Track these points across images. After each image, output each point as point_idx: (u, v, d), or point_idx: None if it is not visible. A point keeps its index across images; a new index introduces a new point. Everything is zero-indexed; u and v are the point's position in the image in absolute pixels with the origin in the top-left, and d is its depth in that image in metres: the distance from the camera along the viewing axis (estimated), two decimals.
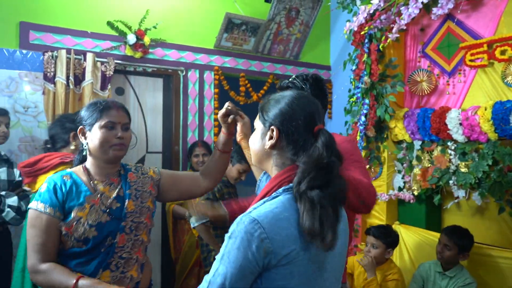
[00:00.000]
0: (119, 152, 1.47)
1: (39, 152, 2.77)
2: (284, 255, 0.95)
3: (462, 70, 2.81)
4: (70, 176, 1.45)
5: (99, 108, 1.46)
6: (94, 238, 1.39)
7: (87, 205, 1.41)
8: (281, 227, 0.96)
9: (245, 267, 0.94)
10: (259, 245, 0.93)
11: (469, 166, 2.62)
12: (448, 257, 2.41)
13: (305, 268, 0.98)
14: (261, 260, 0.94)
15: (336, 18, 4.00)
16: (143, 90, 3.34)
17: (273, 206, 0.98)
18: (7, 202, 2.23)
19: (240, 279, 0.95)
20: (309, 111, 1.06)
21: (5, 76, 2.68)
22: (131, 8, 3.07)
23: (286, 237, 0.96)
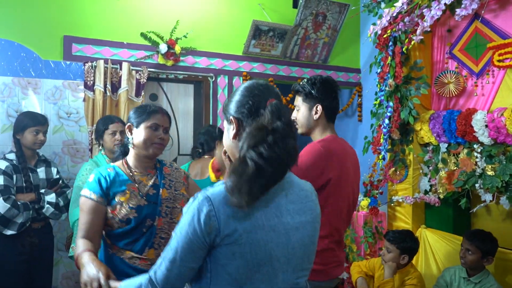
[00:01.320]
0: (158, 150, 1.72)
1: (80, 154, 3.04)
2: (228, 234, 1.00)
3: (491, 71, 2.74)
4: (113, 168, 1.71)
5: (148, 111, 1.72)
6: (135, 219, 1.62)
7: (128, 191, 1.66)
8: (230, 207, 1.01)
9: (194, 242, 1.01)
10: (206, 221, 1.00)
11: (496, 169, 2.56)
12: (471, 262, 2.36)
13: (249, 252, 1.01)
14: (207, 236, 1.00)
15: (365, 21, 4.00)
16: (175, 96, 3.54)
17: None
18: (46, 199, 2.47)
19: (189, 253, 1.02)
20: (257, 91, 1.12)
21: (51, 85, 2.96)
22: (163, 20, 3.27)
23: (233, 217, 1.01)
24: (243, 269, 1.02)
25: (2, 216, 2.28)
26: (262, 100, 1.10)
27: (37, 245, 2.46)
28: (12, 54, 2.85)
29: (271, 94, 1.14)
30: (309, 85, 1.78)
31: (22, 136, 2.49)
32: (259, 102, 1.10)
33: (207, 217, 1.00)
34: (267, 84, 1.19)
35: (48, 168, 2.61)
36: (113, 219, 1.62)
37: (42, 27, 2.94)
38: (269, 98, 1.11)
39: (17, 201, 2.35)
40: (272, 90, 1.16)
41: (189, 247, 1.02)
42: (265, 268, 1.04)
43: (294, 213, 1.10)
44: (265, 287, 1.06)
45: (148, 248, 1.65)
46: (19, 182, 2.43)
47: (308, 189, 1.19)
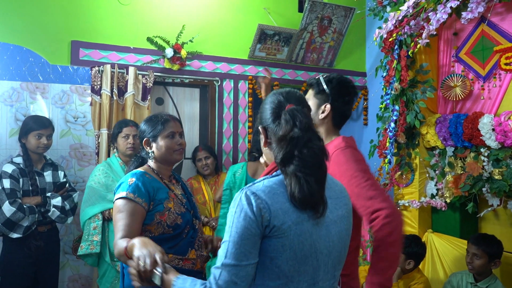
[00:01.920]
0: (180, 155, 1.80)
1: (87, 157, 3.06)
2: (278, 226, 1.03)
3: (497, 74, 2.72)
4: (150, 176, 1.73)
5: (160, 121, 1.77)
6: (180, 225, 1.71)
7: (171, 199, 1.72)
8: (277, 200, 1.05)
9: (253, 234, 1.02)
10: (258, 213, 1.03)
11: (503, 173, 2.53)
12: (479, 266, 2.34)
13: (297, 244, 1.05)
14: (261, 225, 1.03)
15: (371, 25, 4.00)
16: (181, 100, 3.56)
17: (271, 183, 1.08)
18: (52, 202, 2.49)
19: (251, 247, 1.02)
20: (278, 100, 1.18)
21: (58, 89, 2.99)
22: (169, 24, 3.30)
23: (281, 210, 1.04)
24: (292, 261, 1.04)
25: (8, 219, 2.31)
26: (282, 107, 1.16)
27: (43, 248, 2.48)
28: (21, 59, 2.89)
29: (291, 99, 1.18)
30: (324, 80, 1.66)
31: (26, 140, 2.52)
32: (280, 109, 1.15)
33: (257, 209, 1.03)
34: (289, 91, 1.22)
35: (55, 171, 2.64)
36: (161, 225, 1.66)
37: (50, 32, 2.98)
38: (287, 104, 1.15)
39: (23, 205, 2.38)
40: (292, 95, 1.20)
41: (252, 242, 1.03)
42: (310, 261, 1.07)
43: (332, 207, 1.15)
44: (309, 279, 1.08)
45: (191, 249, 1.73)
46: (25, 185, 2.46)
47: (340, 185, 1.24)
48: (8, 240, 2.38)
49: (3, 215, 2.32)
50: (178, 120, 1.86)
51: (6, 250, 2.42)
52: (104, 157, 2.96)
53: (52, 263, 2.61)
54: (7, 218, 2.31)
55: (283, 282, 1.05)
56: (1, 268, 2.45)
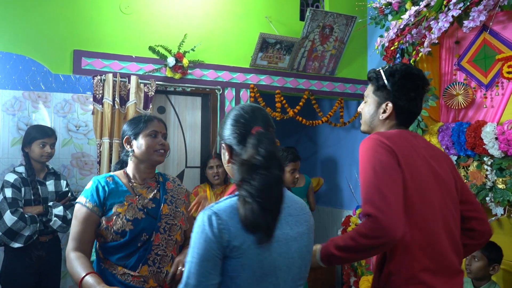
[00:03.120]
0: (161, 157, 1.70)
1: (89, 166, 3.06)
2: (237, 246, 1.05)
3: (500, 83, 2.72)
4: (113, 178, 1.68)
5: (143, 120, 1.71)
6: (131, 232, 1.59)
7: (126, 203, 1.62)
8: (237, 220, 1.07)
9: (213, 255, 1.05)
10: (218, 234, 1.05)
11: (507, 182, 2.51)
12: (477, 269, 2.31)
13: (256, 263, 1.07)
14: (221, 249, 1.05)
15: (372, 33, 4.00)
16: (182, 108, 3.56)
17: (233, 202, 1.11)
18: (54, 212, 2.49)
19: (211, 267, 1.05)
20: (243, 120, 1.17)
21: (60, 98, 3.00)
22: (171, 33, 3.31)
23: (241, 230, 1.06)
24: (251, 280, 1.07)
25: (9, 229, 2.30)
26: (248, 128, 1.16)
27: (45, 258, 2.48)
28: (23, 68, 2.90)
29: (257, 121, 1.18)
30: (385, 74, 1.45)
31: (29, 149, 2.53)
32: (245, 131, 1.16)
33: (218, 230, 1.05)
34: (254, 109, 1.21)
35: (57, 180, 2.63)
36: (108, 230, 1.58)
37: (52, 41, 2.99)
38: (254, 126, 1.16)
39: (25, 214, 2.37)
40: (258, 115, 1.20)
41: (212, 263, 1.05)
42: (269, 278, 1.10)
43: (292, 224, 1.17)
44: None
45: (142, 265, 1.60)
46: (27, 195, 2.45)
47: (300, 202, 1.26)
48: (9, 250, 2.37)
49: (4, 224, 2.31)
50: (163, 122, 1.78)
51: (7, 260, 2.41)
52: (105, 166, 2.96)
53: (53, 273, 2.60)
54: (8, 227, 2.30)
55: None
56: (2, 278, 2.43)
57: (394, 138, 1.37)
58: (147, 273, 1.60)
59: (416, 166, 1.36)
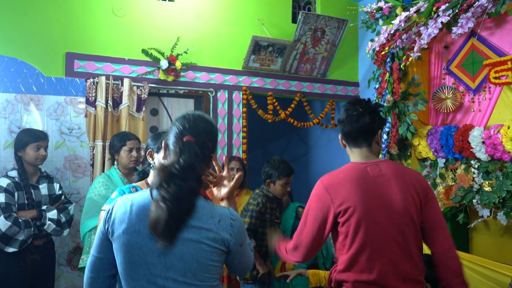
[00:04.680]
0: None
1: (82, 169, 3.06)
2: (112, 232, 1.24)
3: (487, 87, 2.78)
4: (136, 189, 1.79)
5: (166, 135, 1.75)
6: None
7: None
8: (122, 210, 1.24)
9: (101, 233, 1.28)
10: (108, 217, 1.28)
11: (493, 185, 2.58)
12: None
13: (125, 252, 1.21)
14: (106, 230, 1.26)
15: (363, 36, 4.05)
16: (175, 110, 3.58)
17: (136, 195, 1.29)
18: (48, 215, 2.49)
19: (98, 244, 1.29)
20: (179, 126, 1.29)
21: (53, 101, 3.00)
22: (163, 36, 3.32)
23: (119, 219, 1.23)
24: (123, 265, 1.22)
25: (3, 234, 2.31)
26: (181, 136, 1.27)
27: (39, 262, 2.48)
28: (15, 71, 2.89)
29: (193, 130, 1.28)
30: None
31: (24, 153, 2.53)
32: (179, 137, 1.28)
33: (108, 214, 1.26)
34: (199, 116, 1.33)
35: (50, 184, 2.64)
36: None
37: (44, 44, 2.99)
38: (186, 135, 1.27)
39: (19, 219, 2.38)
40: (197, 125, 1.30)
41: (99, 239, 1.28)
42: (141, 270, 1.21)
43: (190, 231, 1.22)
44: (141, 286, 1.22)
45: None
46: (20, 199, 2.46)
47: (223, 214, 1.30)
48: (3, 254, 2.37)
49: None
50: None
51: (2, 264, 2.40)
52: (99, 169, 2.97)
53: (47, 276, 2.61)
54: (2, 232, 2.30)
55: (124, 283, 1.24)
56: None
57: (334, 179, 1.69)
58: None
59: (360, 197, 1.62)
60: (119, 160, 2.64)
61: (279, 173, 2.74)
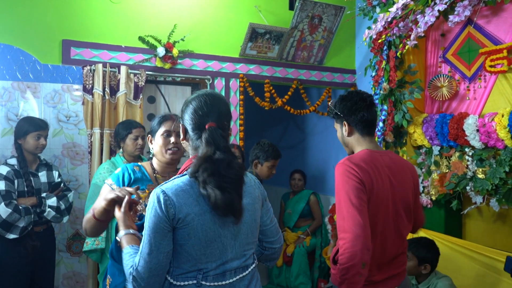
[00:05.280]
0: (173, 155, 1.80)
1: (80, 156, 3.08)
2: (182, 218, 1.24)
3: (483, 76, 2.80)
4: (140, 168, 1.82)
5: (159, 120, 1.82)
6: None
7: (147, 191, 1.75)
8: (182, 196, 1.25)
9: (162, 228, 1.23)
10: (165, 210, 1.23)
11: (486, 172, 2.63)
12: (410, 268, 2.32)
13: (199, 231, 1.25)
14: (169, 222, 1.24)
15: (361, 23, 4.05)
16: (172, 98, 3.58)
17: (179, 181, 1.28)
18: (48, 202, 2.52)
19: (161, 239, 1.23)
20: (201, 112, 1.33)
21: (50, 89, 2.99)
22: (160, 23, 3.31)
23: (185, 204, 1.24)
24: (198, 246, 1.25)
25: (4, 220, 2.33)
26: (203, 122, 1.32)
27: (39, 248, 2.52)
28: (11, 58, 2.88)
29: (213, 114, 1.33)
30: (332, 106, 1.88)
31: (24, 141, 2.54)
32: (200, 123, 1.32)
33: (165, 206, 1.23)
34: (214, 100, 1.36)
35: (49, 171, 2.66)
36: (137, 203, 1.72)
37: (40, 31, 2.97)
38: (209, 121, 1.31)
39: (19, 206, 2.40)
40: (216, 107, 1.34)
41: (159, 231, 1.23)
42: (215, 244, 1.28)
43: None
44: (217, 260, 1.29)
45: None
46: (20, 186, 2.48)
47: (253, 179, 1.45)
48: (4, 241, 2.40)
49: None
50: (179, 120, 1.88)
51: (3, 250, 2.44)
52: (97, 156, 2.99)
53: (48, 262, 2.65)
54: (3, 219, 2.33)
55: (193, 264, 1.26)
56: None
57: (361, 163, 1.70)
58: None
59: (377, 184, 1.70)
60: (124, 148, 2.66)
61: (267, 155, 2.90)
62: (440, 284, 2.26)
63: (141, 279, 1.22)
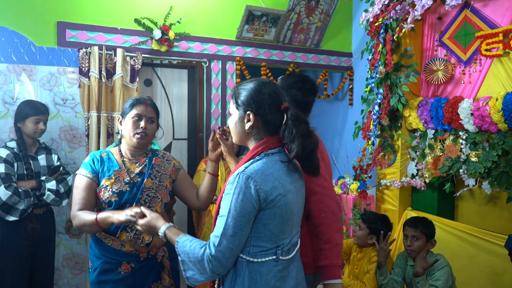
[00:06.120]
0: (141, 139, 1.80)
1: (77, 139, 3.09)
2: (272, 199, 1.31)
3: (478, 60, 2.82)
4: (107, 154, 1.84)
5: (131, 103, 1.81)
6: (116, 202, 1.75)
7: (113, 177, 1.77)
8: (268, 179, 1.32)
9: (249, 212, 1.29)
10: (255, 194, 1.29)
11: (479, 155, 2.67)
12: (419, 247, 2.36)
13: (283, 210, 1.34)
14: (258, 205, 1.30)
15: (358, 6, 4.03)
16: (169, 81, 3.58)
17: (260, 165, 1.34)
18: (47, 186, 2.54)
19: (246, 222, 1.29)
20: (274, 94, 1.39)
21: (46, 72, 2.98)
22: (156, 5, 3.27)
23: (273, 187, 1.32)
24: (280, 225, 1.34)
25: (4, 203, 2.36)
26: (278, 104, 1.39)
27: (39, 230, 2.55)
28: (6, 40, 2.85)
29: (283, 96, 1.42)
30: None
31: (23, 124, 2.54)
32: (276, 107, 1.39)
33: (255, 191, 1.29)
34: (275, 84, 1.45)
35: (48, 155, 2.67)
36: (98, 199, 1.77)
37: (35, 13, 2.93)
38: (283, 103, 1.39)
39: (18, 189, 2.42)
40: (282, 92, 1.43)
41: (246, 218, 1.29)
42: (290, 222, 1.39)
43: (292, 181, 1.42)
44: (289, 236, 1.40)
45: (121, 231, 1.77)
46: (20, 169, 2.49)
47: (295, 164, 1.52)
48: (5, 223, 2.44)
49: None
50: (153, 106, 1.86)
51: (3, 232, 2.47)
52: (94, 139, 3.00)
53: (48, 244, 2.69)
54: (3, 201, 2.36)
55: (273, 241, 1.35)
56: None
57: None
58: (125, 238, 1.77)
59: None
60: None
61: None
62: (438, 274, 2.27)
63: (224, 259, 1.28)
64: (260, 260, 1.34)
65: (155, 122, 1.86)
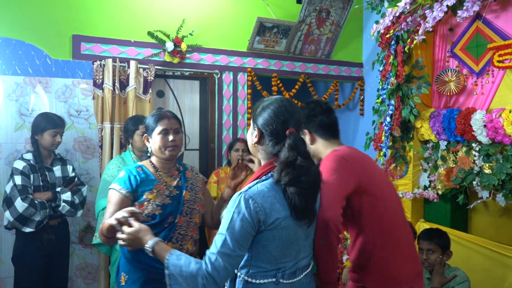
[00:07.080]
0: (173, 152, 1.86)
1: (91, 150, 3.13)
2: (271, 222, 1.30)
3: (490, 71, 2.80)
4: (142, 168, 1.87)
5: (154, 119, 1.86)
6: (160, 215, 1.79)
7: (155, 190, 1.81)
8: (269, 201, 1.30)
9: (248, 233, 1.28)
10: (255, 216, 1.28)
11: (493, 167, 2.65)
12: (434, 260, 2.32)
13: (283, 233, 1.32)
14: (256, 226, 1.29)
15: (368, 16, 4.04)
16: (181, 92, 3.62)
17: (263, 187, 1.33)
18: (62, 197, 2.58)
19: (244, 242, 1.28)
20: (283, 118, 1.37)
21: (61, 84, 3.04)
22: (169, 18, 3.33)
23: (273, 210, 1.30)
24: (280, 248, 1.32)
25: (20, 214, 2.40)
26: (285, 127, 1.36)
27: (54, 241, 2.59)
28: (23, 54, 2.92)
29: (293, 121, 1.38)
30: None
31: (41, 137, 2.59)
32: (282, 128, 1.36)
33: (254, 212, 1.28)
34: (293, 107, 1.40)
35: (64, 166, 2.72)
36: (140, 214, 1.75)
37: (51, 26, 3.00)
38: (290, 127, 1.36)
39: (35, 200, 2.46)
40: (295, 116, 1.39)
41: (244, 237, 1.28)
42: (294, 246, 1.36)
43: None
44: (293, 259, 1.37)
45: (167, 242, 1.79)
46: (36, 181, 2.54)
47: None
48: (21, 234, 2.48)
49: (16, 210, 2.41)
50: (175, 117, 1.89)
51: (20, 243, 2.51)
52: (107, 150, 3.04)
53: (62, 254, 2.72)
54: (20, 213, 2.40)
55: (273, 263, 1.33)
56: (15, 260, 2.55)
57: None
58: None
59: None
60: (133, 143, 2.70)
61: None
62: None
63: (219, 276, 1.26)
64: (259, 282, 1.33)
65: (180, 132, 1.92)
